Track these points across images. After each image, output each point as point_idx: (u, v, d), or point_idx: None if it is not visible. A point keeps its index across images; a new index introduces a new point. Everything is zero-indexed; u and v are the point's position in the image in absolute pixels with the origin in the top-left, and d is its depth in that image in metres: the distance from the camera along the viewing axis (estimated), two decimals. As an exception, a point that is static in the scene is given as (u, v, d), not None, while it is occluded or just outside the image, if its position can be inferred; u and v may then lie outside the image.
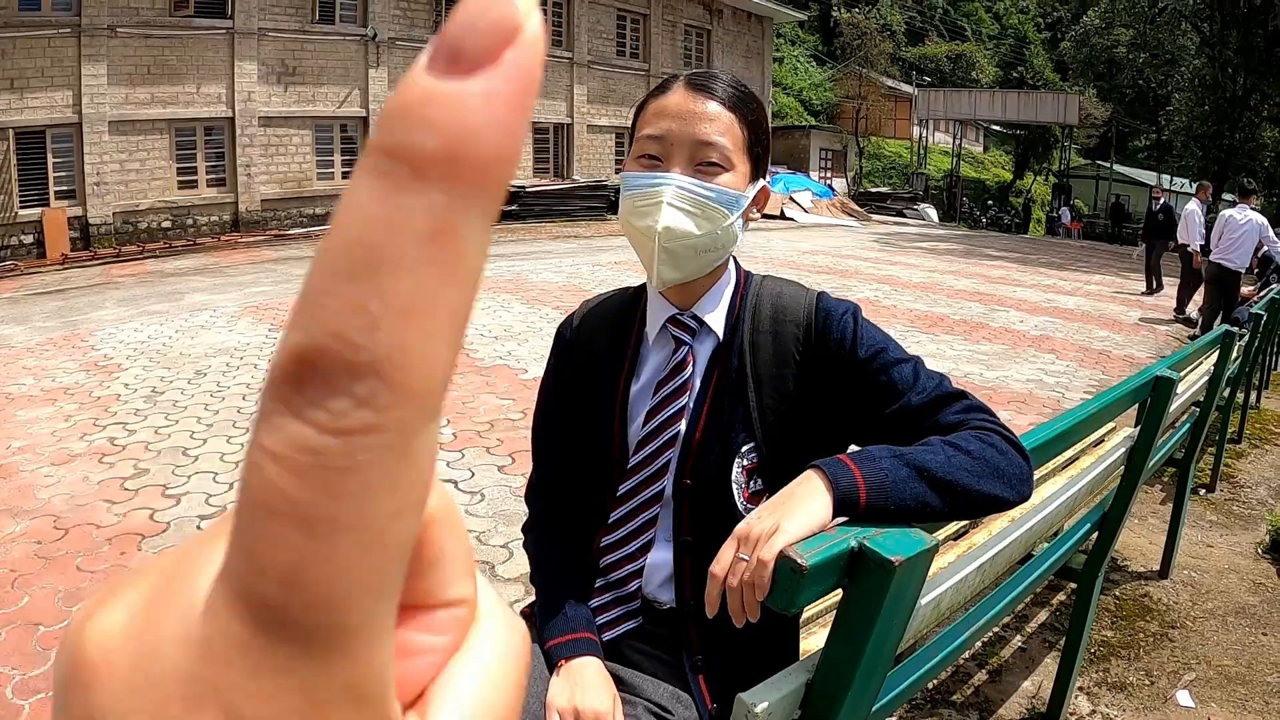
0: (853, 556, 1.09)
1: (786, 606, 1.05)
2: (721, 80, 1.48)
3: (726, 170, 1.43)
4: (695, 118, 1.43)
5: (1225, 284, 10.94)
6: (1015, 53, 56.69)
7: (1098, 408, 2.19)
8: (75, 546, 4.26)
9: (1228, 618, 3.98)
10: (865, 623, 1.12)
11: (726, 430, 1.47)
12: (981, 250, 22.58)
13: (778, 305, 1.52)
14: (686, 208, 1.39)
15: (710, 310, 1.52)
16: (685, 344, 1.52)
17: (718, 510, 1.46)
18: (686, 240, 1.40)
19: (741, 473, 1.46)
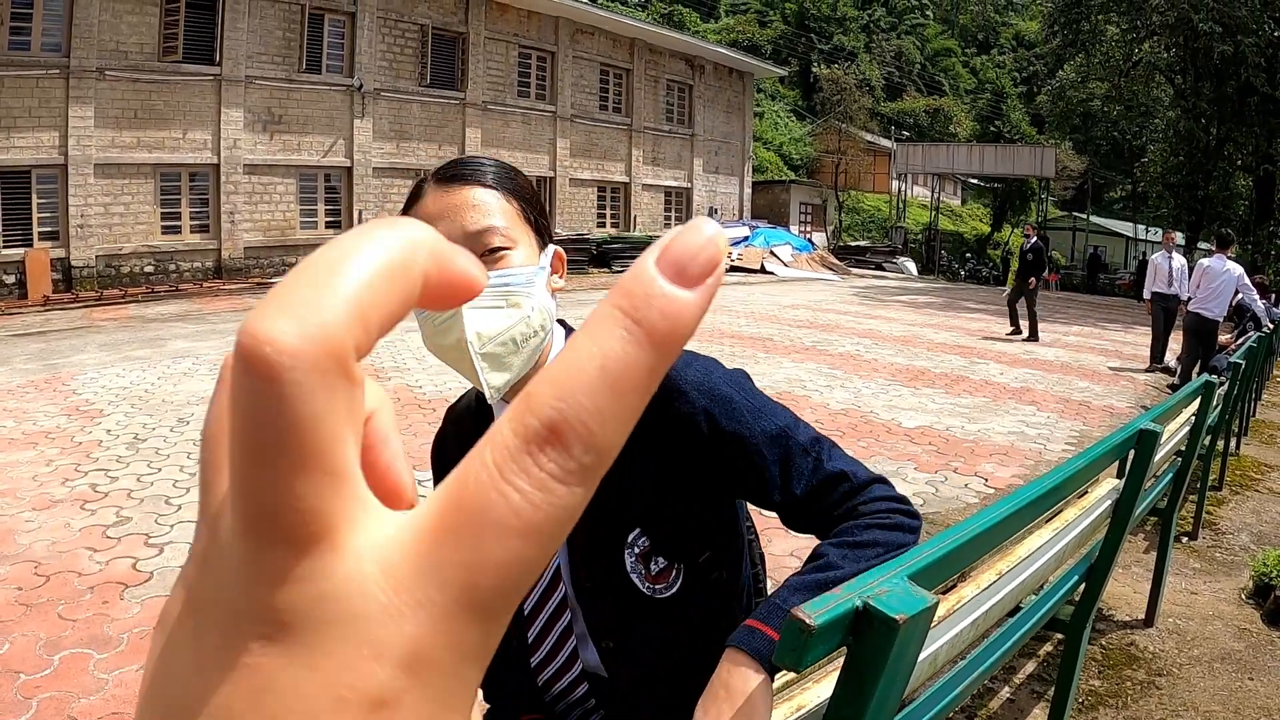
0: (857, 615, 1.11)
1: (794, 666, 1.07)
2: (470, 164, 1.39)
3: (511, 248, 1.33)
4: (457, 210, 1.33)
5: (1204, 333, 11.05)
6: (992, 107, 57.57)
7: (1085, 463, 2.22)
8: (57, 594, 4.21)
9: (1214, 664, 4.00)
10: (869, 680, 1.14)
11: (604, 525, 1.37)
12: (960, 303, 22.75)
13: None
14: (489, 303, 1.28)
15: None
16: None
17: (626, 604, 1.39)
18: (500, 337, 1.28)
19: (637, 561, 1.38)
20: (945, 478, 6.67)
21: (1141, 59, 34.92)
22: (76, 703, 3.28)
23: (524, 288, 1.30)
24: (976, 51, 69.02)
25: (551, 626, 1.43)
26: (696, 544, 1.40)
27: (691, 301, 0.24)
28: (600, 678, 1.46)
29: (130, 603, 4.14)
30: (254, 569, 0.22)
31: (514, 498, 0.23)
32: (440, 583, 0.23)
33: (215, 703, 0.22)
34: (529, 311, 1.30)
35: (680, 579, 1.39)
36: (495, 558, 0.23)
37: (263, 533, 0.22)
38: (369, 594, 0.22)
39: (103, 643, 3.74)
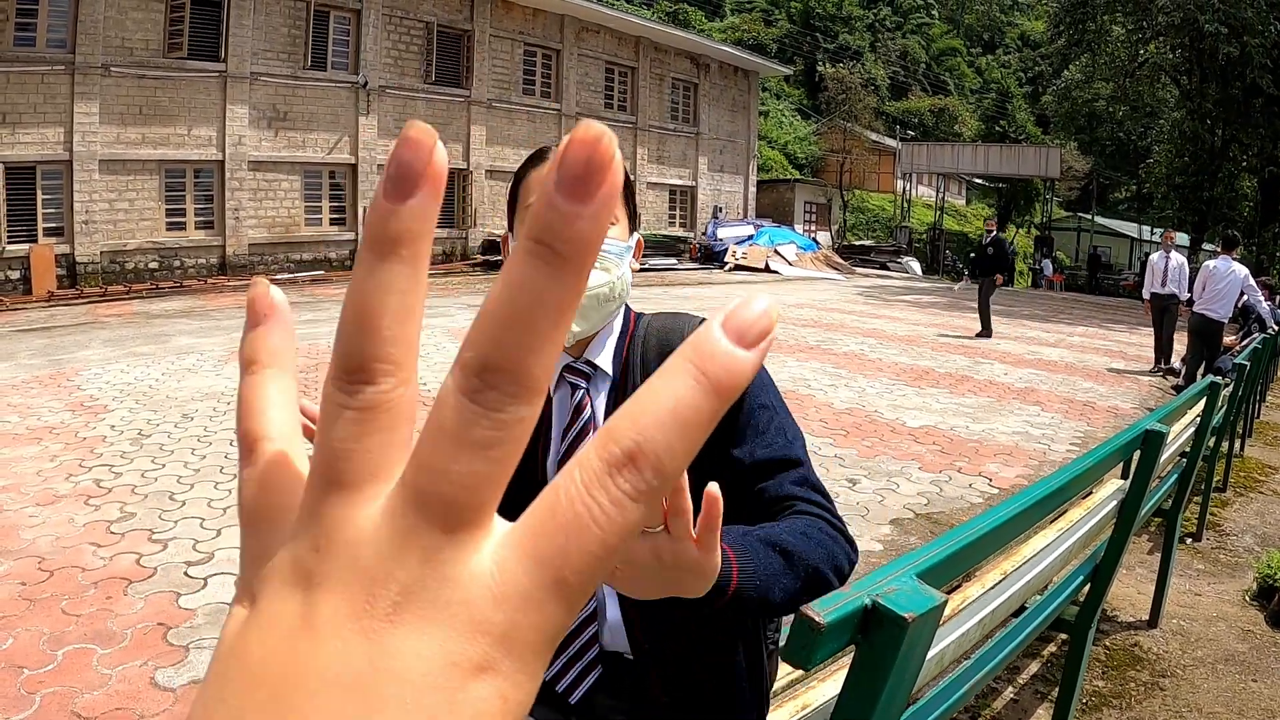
0: (866, 613, 1.10)
1: (803, 663, 1.06)
2: None
3: (613, 224, 1.37)
4: None
5: (1208, 334, 11.02)
6: (997, 107, 57.50)
7: (1092, 463, 2.21)
8: (60, 589, 4.21)
9: (1217, 665, 3.99)
10: (878, 678, 1.13)
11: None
12: (964, 303, 22.71)
13: (662, 339, 1.56)
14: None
15: (600, 354, 1.56)
16: (581, 388, 1.55)
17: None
18: (591, 290, 1.43)
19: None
20: (950, 477, 6.66)
21: (1147, 59, 34.88)
22: (80, 698, 3.28)
23: (615, 257, 1.48)
24: (982, 51, 68.94)
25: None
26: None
27: (749, 360, 0.29)
28: (606, 650, 1.51)
29: (134, 598, 4.14)
30: (405, 543, 0.27)
31: (595, 509, 0.27)
32: (536, 574, 0.27)
33: (334, 664, 0.25)
34: (615, 278, 1.47)
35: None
36: (579, 556, 0.27)
37: (429, 513, 0.27)
38: (482, 580, 0.27)
39: (106, 638, 3.74)
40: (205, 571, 4.48)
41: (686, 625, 1.45)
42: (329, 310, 15.58)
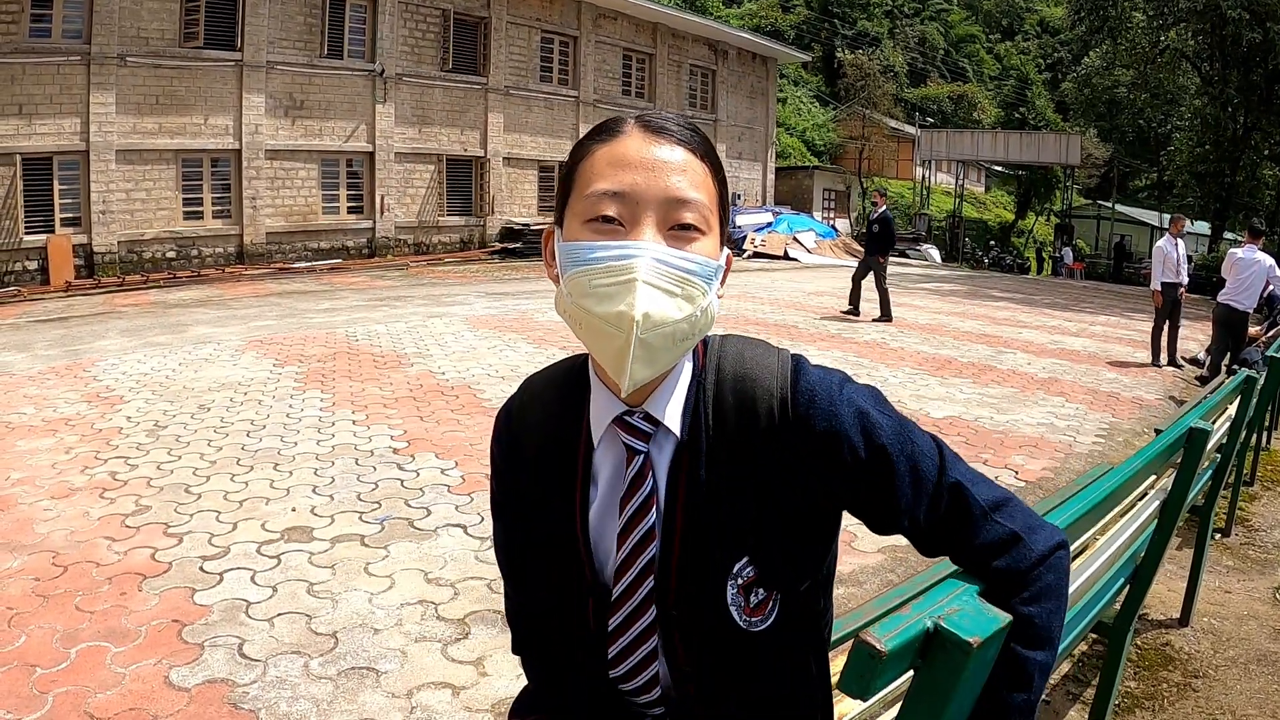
0: (927, 637, 1.02)
1: (861, 694, 0.97)
2: (679, 122, 1.21)
3: (704, 235, 1.17)
4: (664, 168, 1.15)
5: (1233, 325, 10.88)
6: (1017, 93, 57.10)
7: (1141, 464, 2.13)
8: (74, 585, 4.16)
9: (1250, 666, 3.89)
10: (938, 706, 1.05)
11: (708, 549, 1.22)
12: (985, 291, 22.57)
13: (743, 391, 1.23)
14: (665, 286, 1.11)
15: (665, 405, 1.23)
16: (640, 451, 1.24)
17: (717, 634, 1.25)
18: (665, 328, 1.11)
19: (738, 592, 1.22)
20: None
21: (1168, 46, 34.63)
22: (93, 697, 3.22)
23: (704, 281, 1.15)
24: (1001, 37, 68.55)
25: (638, 647, 1.29)
26: (801, 572, 1.26)
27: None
28: (684, 697, 1.33)
29: (149, 594, 4.08)
30: None
31: None
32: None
33: None
34: (698, 311, 1.15)
35: (776, 611, 1.25)
36: None
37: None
38: None
39: (120, 636, 3.68)
40: (221, 567, 4.42)
41: (753, 687, 1.30)
42: (346, 299, 15.56)
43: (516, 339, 11.40)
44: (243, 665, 3.49)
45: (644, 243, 1.11)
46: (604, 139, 1.20)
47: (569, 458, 1.30)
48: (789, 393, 1.21)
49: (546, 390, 1.38)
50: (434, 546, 4.80)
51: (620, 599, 1.27)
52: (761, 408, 1.21)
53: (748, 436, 1.21)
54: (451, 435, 6.95)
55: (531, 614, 1.44)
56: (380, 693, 3.35)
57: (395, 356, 10.11)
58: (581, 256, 1.13)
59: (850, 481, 1.20)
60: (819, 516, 1.25)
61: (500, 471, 1.41)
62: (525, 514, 1.37)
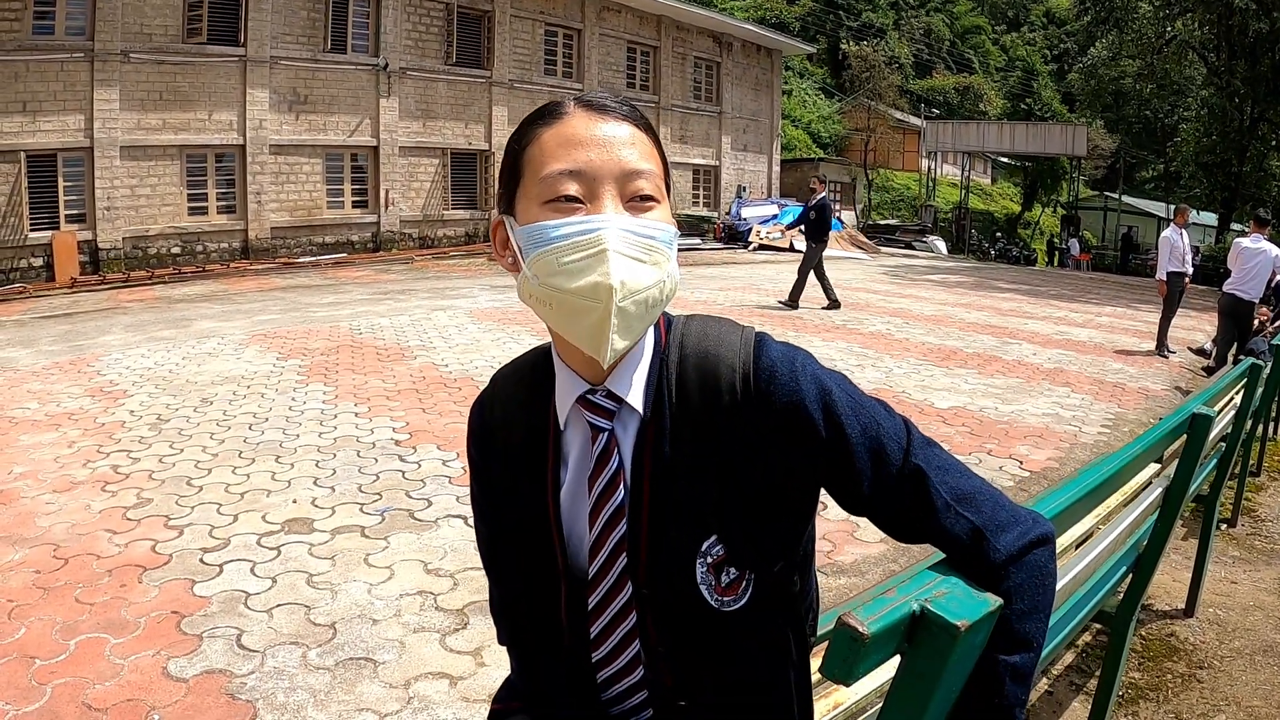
0: (914, 620, 0.99)
1: (844, 678, 0.95)
2: (616, 99, 1.23)
3: (659, 202, 1.18)
4: (615, 144, 1.16)
5: (1239, 315, 10.83)
6: (1023, 85, 56.91)
7: (1141, 449, 2.10)
8: (75, 577, 4.16)
9: (1255, 657, 3.87)
10: (925, 691, 1.02)
11: (676, 527, 1.22)
12: (991, 282, 22.52)
13: (704, 369, 1.23)
14: (635, 254, 1.13)
15: (626, 382, 1.23)
16: (604, 429, 1.24)
17: (688, 613, 1.24)
18: (641, 294, 1.12)
19: (708, 571, 1.22)
20: (980, 460, 6.53)
21: (1174, 36, 34.49)
22: (91, 688, 3.21)
23: (666, 247, 1.17)
24: (1006, 29, 68.31)
25: (617, 625, 1.29)
26: (773, 552, 1.25)
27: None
28: (661, 683, 1.32)
29: (148, 586, 4.08)
30: None
31: None
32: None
33: None
34: (665, 275, 1.16)
35: (750, 590, 1.24)
36: None
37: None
38: None
39: (119, 627, 3.68)
40: (221, 558, 4.41)
41: (728, 669, 1.29)
42: (350, 293, 15.57)
43: (520, 331, 11.39)
44: (241, 656, 3.49)
45: (608, 215, 1.13)
46: (547, 121, 1.20)
47: (538, 442, 1.30)
48: (751, 368, 1.21)
49: (513, 380, 1.39)
50: (434, 537, 4.80)
51: (596, 577, 1.27)
52: (724, 384, 1.21)
53: (710, 413, 1.21)
54: (453, 427, 6.94)
55: (512, 604, 1.43)
56: (378, 683, 3.34)
57: (398, 349, 10.11)
58: (546, 236, 1.13)
59: (811, 458, 1.18)
60: (787, 494, 1.23)
61: (476, 466, 1.42)
62: (500, 504, 1.38)
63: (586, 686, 1.36)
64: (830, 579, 4.43)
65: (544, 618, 1.36)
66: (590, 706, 1.37)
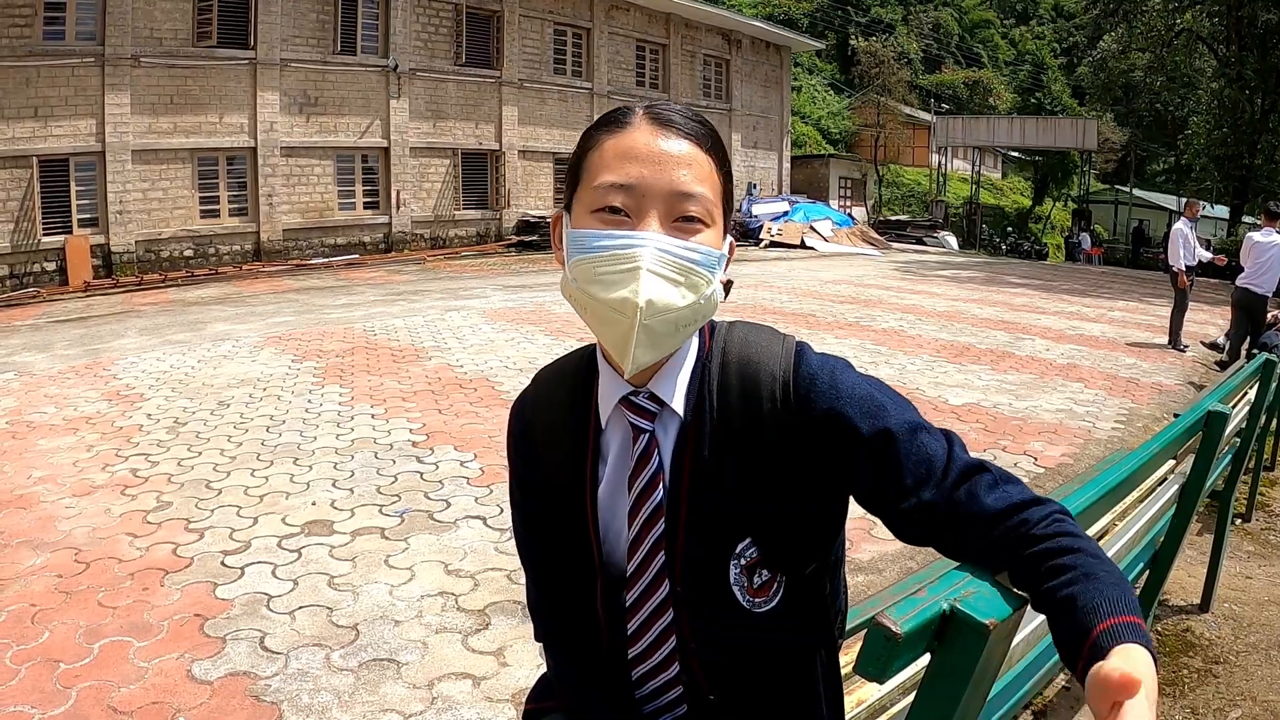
0: (943, 620, 1.01)
1: (878, 676, 0.97)
2: (686, 114, 1.25)
3: (708, 226, 1.20)
4: (671, 162, 1.18)
5: (1253, 309, 10.79)
6: (1032, 79, 56.72)
7: (1159, 447, 2.11)
8: (97, 581, 4.19)
9: (1271, 651, 3.87)
10: (955, 689, 1.04)
11: (712, 529, 1.26)
12: (1003, 278, 22.46)
13: (746, 375, 1.26)
14: (669, 274, 1.15)
15: (670, 386, 1.27)
16: (645, 430, 1.28)
17: (721, 613, 1.28)
18: (668, 314, 1.15)
19: (741, 573, 1.26)
20: (995, 456, 6.53)
21: (1184, 28, 34.37)
22: (116, 692, 3.24)
23: (707, 270, 1.19)
24: (1015, 23, 68.01)
25: (654, 622, 1.32)
26: (805, 555, 1.29)
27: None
28: (694, 680, 1.35)
29: (170, 589, 4.11)
30: None
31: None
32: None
33: None
34: (701, 299, 1.19)
35: (781, 593, 1.28)
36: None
37: None
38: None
39: (142, 630, 3.71)
40: (242, 561, 4.44)
41: (758, 669, 1.33)
42: (364, 294, 15.61)
43: (534, 331, 11.41)
44: (264, 658, 3.51)
45: (648, 233, 1.16)
46: (612, 130, 1.22)
47: (579, 440, 1.33)
48: (791, 376, 1.24)
49: (556, 379, 1.42)
50: (454, 538, 4.82)
51: (634, 575, 1.30)
52: (764, 390, 1.24)
53: (750, 418, 1.24)
54: (470, 428, 6.96)
55: (550, 601, 1.46)
56: (401, 684, 3.36)
57: (413, 350, 10.14)
58: (588, 244, 1.17)
59: (852, 462, 1.20)
60: (822, 499, 1.26)
61: (515, 463, 1.45)
62: (540, 500, 1.40)
63: (621, 683, 1.39)
64: (848, 576, 4.43)
65: (581, 614, 1.39)
66: (624, 705, 1.39)
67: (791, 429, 1.22)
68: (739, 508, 1.24)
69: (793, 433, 1.22)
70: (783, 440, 1.22)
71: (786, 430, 1.22)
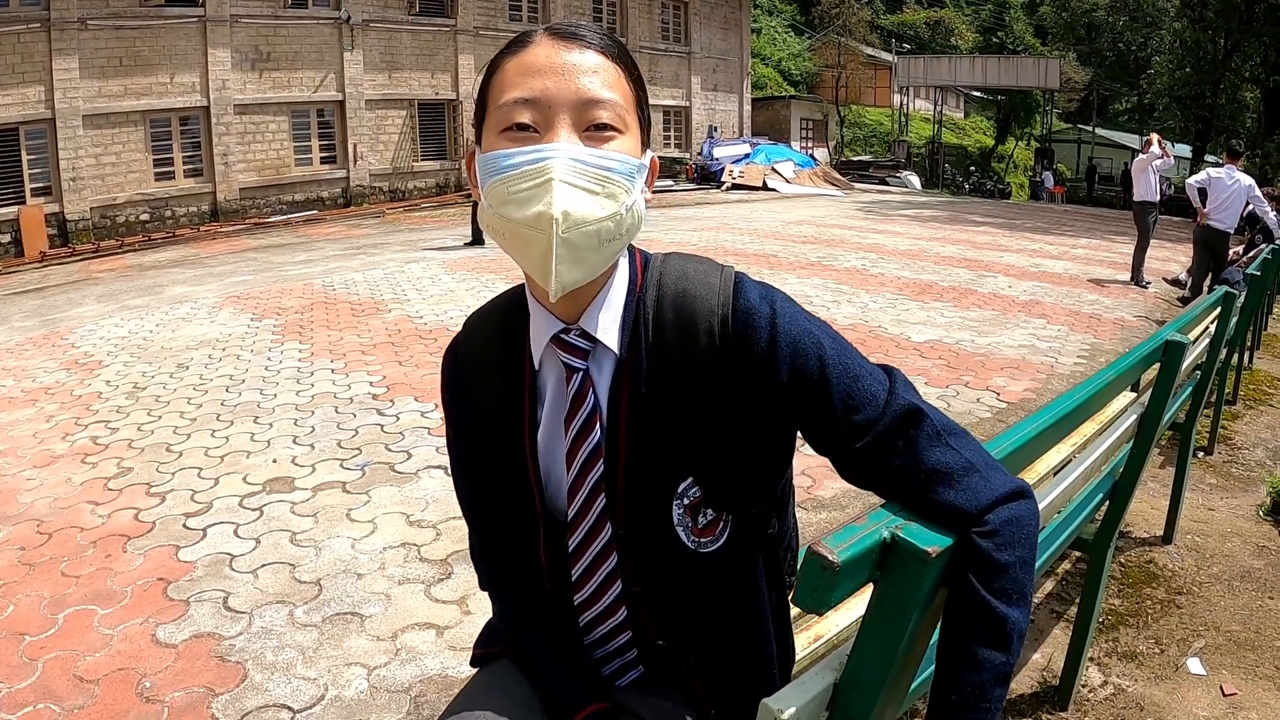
0: (884, 548, 1.00)
1: (817, 607, 0.96)
2: (592, 29, 1.19)
3: (621, 133, 1.15)
4: (576, 71, 1.13)
5: (1214, 245, 10.87)
6: (995, 18, 56.37)
7: (1114, 375, 2.11)
8: (59, 551, 4.15)
9: (1233, 582, 3.92)
10: (899, 618, 1.03)
11: (653, 469, 1.22)
12: (966, 216, 22.51)
13: (681, 309, 1.21)
14: (584, 185, 1.09)
15: (602, 322, 1.22)
16: (579, 369, 1.23)
17: (666, 554, 1.25)
18: (588, 226, 1.09)
19: (685, 512, 1.23)
20: (957, 392, 6.57)
21: (1147, -34, 34.29)
22: (82, 660, 3.22)
23: (625, 179, 1.13)
24: (976, -39, 67.66)
25: (598, 567, 1.30)
26: (750, 494, 1.26)
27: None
28: (642, 625, 1.33)
29: (133, 555, 4.08)
30: None
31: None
32: None
33: None
34: (623, 209, 1.13)
35: (727, 532, 1.25)
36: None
37: None
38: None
39: (106, 597, 3.68)
40: (204, 522, 4.41)
41: (706, 612, 1.31)
42: (323, 250, 15.46)
43: (494, 279, 11.35)
44: (229, 618, 3.49)
45: (558, 144, 1.10)
46: (514, 51, 1.18)
47: (514, 383, 1.29)
48: (730, 310, 1.19)
49: (485, 322, 1.38)
50: (415, 489, 4.81)
51: (576, 519, 1.27)
52: (701, 325, 1.20)
53: (687, 355, 1.20)
54: (430, 378, 6.92)
55: (492, 548, 1.44)
56: (365, 636, 3.36)
57: (373, 304, 10.07)
58: (498, 164, 1.12)
59: (789, 397, 1.17)
60: (761, 434, 1.23)
61: (450, 409, 1.41)
62: (476, 446, 1.37)
63: (569, 629, 1.37)
64: (810, 514, 4.46)
65: (524, 560, 1.36)
66: (572, 651, 1.38)
67: (730, 364, 1.18)
68: (678, 446, 1.21)
69: (731, 368, 1.19)
70: (721, 375, 1.19)
71: (725, 365, 1.19)
